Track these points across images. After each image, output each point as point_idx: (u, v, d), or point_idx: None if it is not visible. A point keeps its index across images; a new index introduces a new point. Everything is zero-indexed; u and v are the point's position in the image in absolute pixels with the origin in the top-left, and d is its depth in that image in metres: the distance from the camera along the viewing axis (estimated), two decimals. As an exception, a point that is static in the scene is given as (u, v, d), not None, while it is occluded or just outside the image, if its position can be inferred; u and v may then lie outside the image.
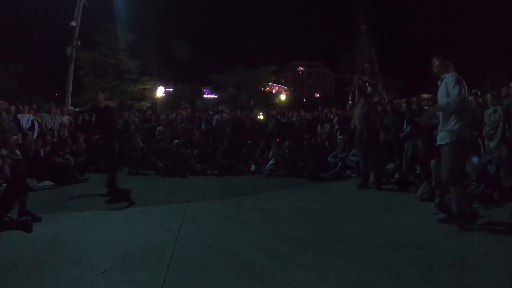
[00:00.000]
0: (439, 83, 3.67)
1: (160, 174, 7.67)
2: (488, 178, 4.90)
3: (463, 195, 3.53)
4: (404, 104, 7.30)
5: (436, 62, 3.71)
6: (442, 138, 3.55)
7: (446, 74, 3.58)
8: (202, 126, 9.89)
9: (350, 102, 6.81)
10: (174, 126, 10.09)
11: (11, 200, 3.63)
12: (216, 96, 35.53)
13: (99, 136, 6.93)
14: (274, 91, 46.21)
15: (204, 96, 42.36)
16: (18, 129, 7.88)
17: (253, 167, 8.15)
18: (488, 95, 6.42)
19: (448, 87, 3.46)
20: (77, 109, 11.66)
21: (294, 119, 10.80)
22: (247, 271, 2.57)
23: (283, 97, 43.07)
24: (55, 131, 8.81)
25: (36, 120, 8.69)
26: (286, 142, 8.32)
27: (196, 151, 8.32)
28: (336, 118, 8.95)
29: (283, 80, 67.61)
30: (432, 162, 4.58)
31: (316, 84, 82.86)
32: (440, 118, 3.60)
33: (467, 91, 3.53)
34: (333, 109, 10.59)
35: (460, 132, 3.41)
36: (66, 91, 14.87)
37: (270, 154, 7.90)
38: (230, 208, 4.66)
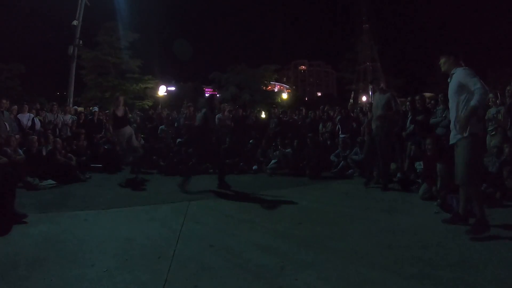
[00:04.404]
0: (449, 79, 3.44)
1: (162, 173, 7.68)
2: (490, 177, 4.87)
3: (478, 197, 3.30)
4: (408, 103, 7.23)
5: (442, 60, 3.50)
6: (454, 135, 3.37)
7: (456, 70, 3.35)
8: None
9: (351, 100, 6.77)
10: (176, 125, 10.11)
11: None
12: (218, 95, 35.51)
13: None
14: (276, 90, 46.11)
15: (206, 95, 42.34)
16: (19, 128, 7.92)
17: (255, 166, 8.15)
18: (491, 95, 6.35)
19: (464, 84, 3.21)
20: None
21: (296, 117, 10.76)
22: (249, 269, 2.57)
23: (285, 96, 42.93)
24: (57, 130, 8.85)
25: (39, 119, 8.72)
26: (288, 141, 8.30)
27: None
28: (338, 117, 8.93)
29: (284, 79, 67.46)
30: (439, 166, 4.54)
31: (317, 83, 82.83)
32: (451, 115, 3.42)
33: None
34: (337, 107, 10.56)
35: (471, 128, 3.20)
36: (68, 90, 14.95)
37: (272, 153, 7.89)
38: (232, 207, 4.66)
